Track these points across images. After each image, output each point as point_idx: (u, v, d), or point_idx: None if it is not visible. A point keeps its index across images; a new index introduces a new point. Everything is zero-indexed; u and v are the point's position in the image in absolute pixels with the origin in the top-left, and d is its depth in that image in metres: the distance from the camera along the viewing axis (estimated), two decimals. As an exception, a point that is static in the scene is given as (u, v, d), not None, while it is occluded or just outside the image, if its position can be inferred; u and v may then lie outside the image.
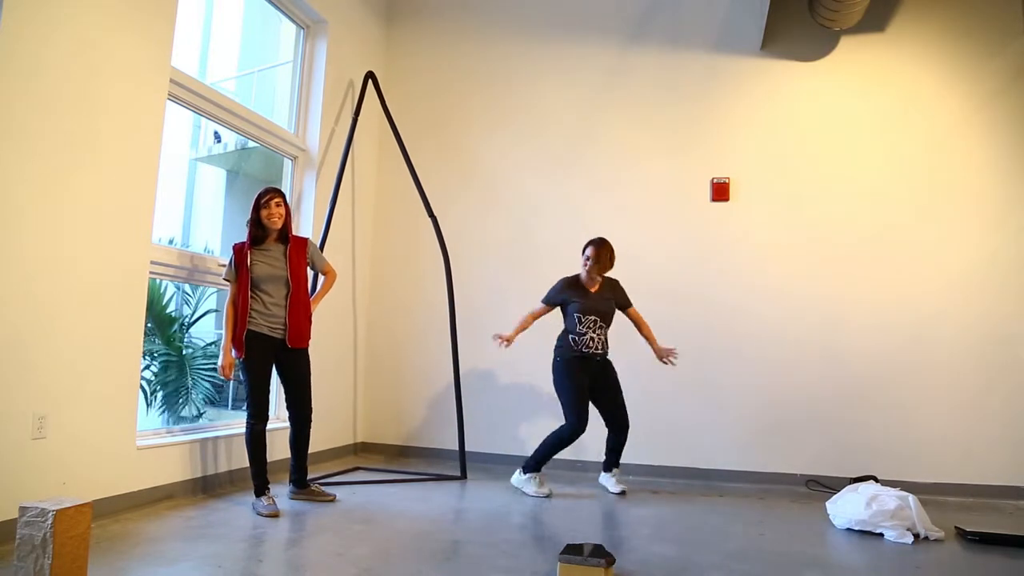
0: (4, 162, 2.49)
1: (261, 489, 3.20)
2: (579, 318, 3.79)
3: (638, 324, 3.97)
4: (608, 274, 3.93)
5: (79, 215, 2.79)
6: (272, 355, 3.29)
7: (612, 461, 3.94)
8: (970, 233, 4.25)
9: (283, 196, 3.31)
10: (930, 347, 4.21)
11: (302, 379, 3.39)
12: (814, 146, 4.50)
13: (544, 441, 3.79)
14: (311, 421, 3.45)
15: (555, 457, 3.83)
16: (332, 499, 3.39)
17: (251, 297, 3.22)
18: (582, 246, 3.89)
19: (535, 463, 3.79)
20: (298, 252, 3.35)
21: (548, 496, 3.69)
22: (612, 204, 4.72)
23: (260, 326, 3.22)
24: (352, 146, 4.60)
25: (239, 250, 3.28)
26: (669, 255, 4.61)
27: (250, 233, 3.27)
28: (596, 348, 3.80)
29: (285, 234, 3.33)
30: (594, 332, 3.79)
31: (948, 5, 4.42)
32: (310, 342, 3.44)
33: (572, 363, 3.79)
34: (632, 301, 3.99)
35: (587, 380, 3.80)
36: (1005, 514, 3.65)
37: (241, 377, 3.29)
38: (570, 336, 3.81)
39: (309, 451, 4.21)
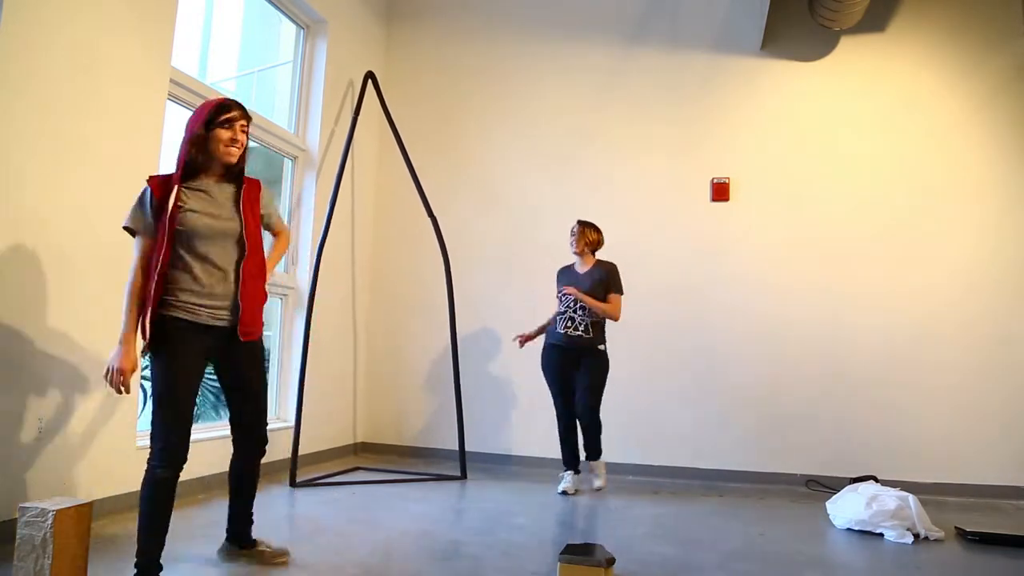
0: (4, 162, 2.49)
1: (148, 568, 2.07)
2: (561, 298, 3.79)
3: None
4: (606, 259, 3.90)
5: (79, 215, 2.79)
6: (208, 353, 2.19)
7: (577, 462, 3.88)
8: (970, 233, 4.25)
9: (249, 119, 2.24)
10: (930, 347, 4.21)
11: (254, 385, 2.30)
12: (814, 146, 4.50)
13: None
14: (264, 450, 2.40)
15: (549, 457, 3.90)
16: (285, 563, 2.38)
17: (180, 263, 2.10)
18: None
19: (563, 463, 3.87)
20: (252, 200, 2.26)
21: (563, 493, 3.73)
22: (612, 204, 4.72)
23: (193, 310, 2.10)
24: (352, 146, 4.60)
25: (160, 185, 2.11)
26: (669, 255, 4.61)
27: (183, 159, 2.14)
28: (574, 329, 3.74)
29: (239, 173, 2.25)
30: (573, 312, 3.75)
31: (948, 5, 4.42)
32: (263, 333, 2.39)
33: (550, 347, 3.82)
34: (623, 290, 3.85)
35: (566, 364, 3.77)
36: (1005, 514, 3.65)
37: (146, 386, 2.31)
38: (557, 317, 3.82)
39: (309, 451, 4.25)
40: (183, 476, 2.19)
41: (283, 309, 4.42)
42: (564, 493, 3.73)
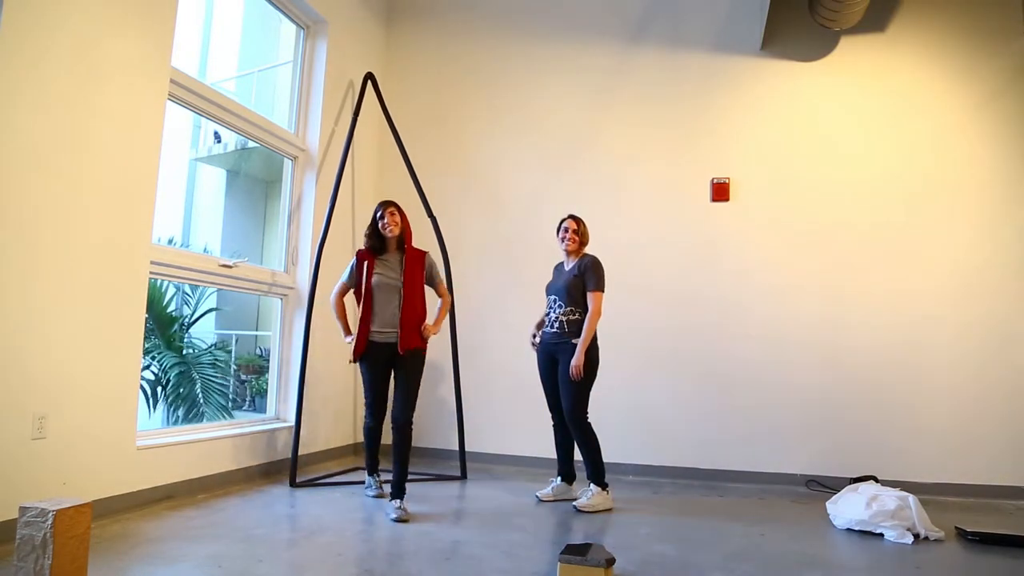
0: (4, 163, 2.49)
1: (369, 471, 3.64)
2: (547, 299, 3.71)
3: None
4: (601, 256, 3.66)
5: (79, 215, 2.79)
6: (386, 360, 3.39)
7: (568, 469, 3.71)
8: (970, 233, 4.25)
9: (397, 206, 3.48)
10: (930, 347, 4.20)
11: (402, 383, 3.36)
12: (814, 146, 4.50)
13: None
14: (404, 427, 3.29)
15: (550, 457, 3.86)
16: (407, 519, 3.12)
17: (371, 304, 3.38)
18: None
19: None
20: (414, 263, 3.45)
21: (537, 499, 3.64)
22: (612, 204, 4.72)
23: (373, 334, 3.37)
24: (352, 146, 4.60)
25: (361, 257, 3.46)
26: (669, 255, 4.61)
27: (369, 244, 3.46)
28: (550, 327, 3.62)
29: (402, 244, 3.46)
30: (553, 311, 3.62)
31: (948, 5, 4.42)
32: (423, 348, 3.44)
33: (539, 349, 3.69)
34: (603, 286, 3.55)
35: (547, 363, 3.64)
36: (1005, 514, 3.65)
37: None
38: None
39: (309, 451, 4.25)
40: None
41: (283, 309, 4.42)
42: (536, 498, 3.63)
